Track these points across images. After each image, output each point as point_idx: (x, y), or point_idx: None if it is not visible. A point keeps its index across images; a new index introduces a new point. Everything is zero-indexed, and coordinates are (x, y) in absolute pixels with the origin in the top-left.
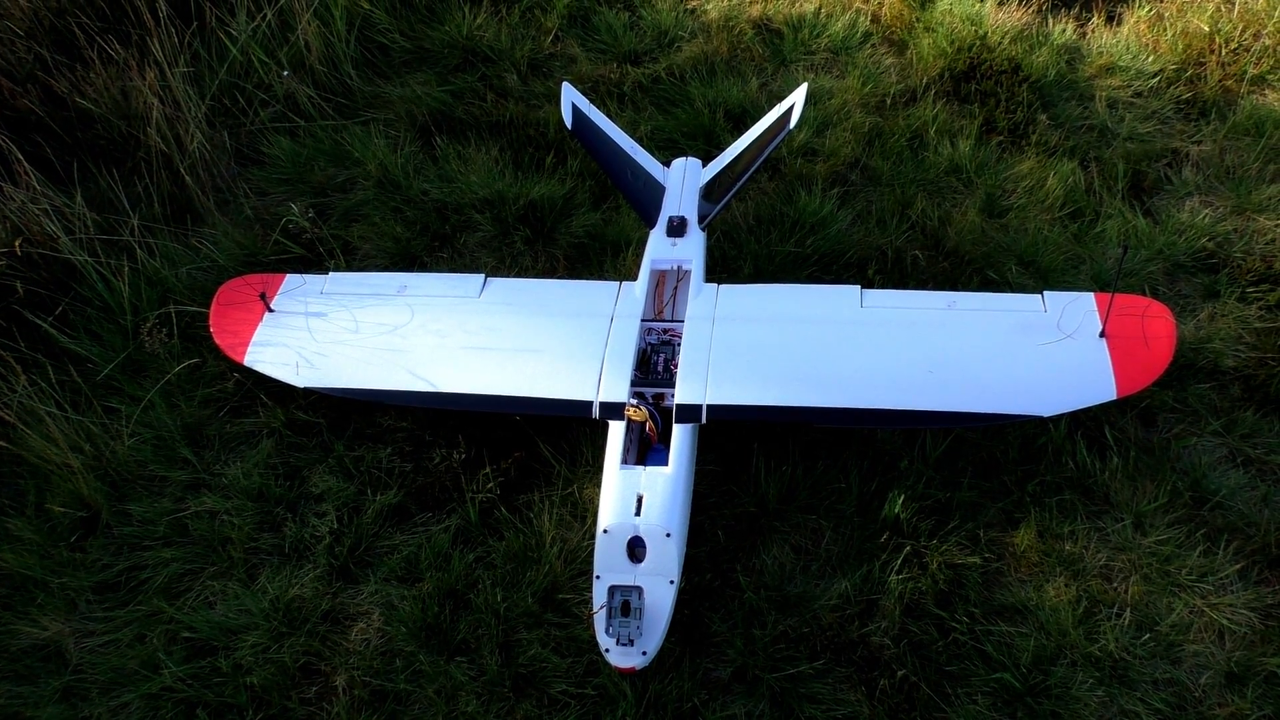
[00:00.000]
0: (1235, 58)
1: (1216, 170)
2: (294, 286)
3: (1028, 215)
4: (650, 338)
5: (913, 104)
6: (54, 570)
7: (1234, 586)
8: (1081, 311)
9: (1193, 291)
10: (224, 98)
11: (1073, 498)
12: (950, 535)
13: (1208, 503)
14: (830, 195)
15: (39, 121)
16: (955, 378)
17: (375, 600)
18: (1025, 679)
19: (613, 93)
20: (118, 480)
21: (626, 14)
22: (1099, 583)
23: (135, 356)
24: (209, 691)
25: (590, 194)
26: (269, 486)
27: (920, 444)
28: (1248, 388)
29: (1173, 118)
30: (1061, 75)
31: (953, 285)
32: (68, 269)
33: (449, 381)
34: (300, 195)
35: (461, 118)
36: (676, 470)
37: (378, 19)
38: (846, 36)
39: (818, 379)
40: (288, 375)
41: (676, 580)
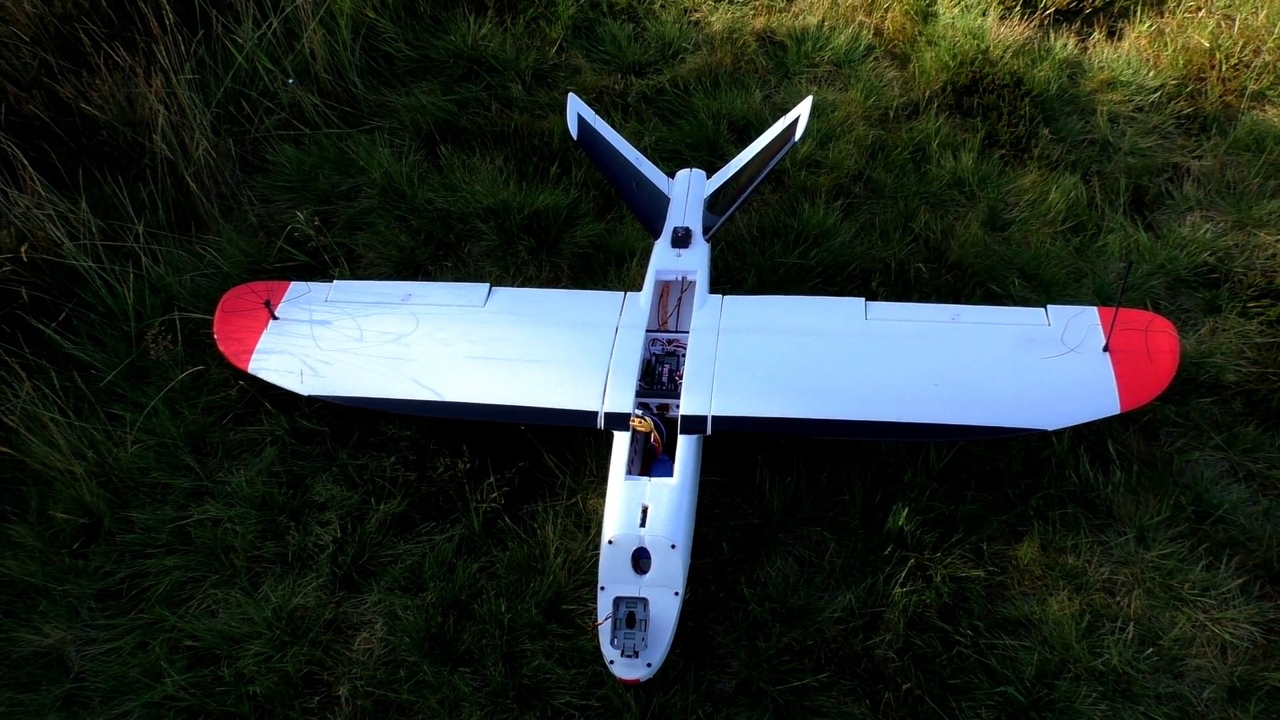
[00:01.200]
0: (1236, 73)
1: (1217, 185)
2: (298, 294)
3: (1030, 229)
4: (655, 348)
5: (915, 117)
6: (56, 577)
7: (1236, 601)
8: (1085, 326)
9: (1194, 306)
10: (229, 105)
11: (1076, 511)
12: (954, 548)
13: (1210, 517)
14: (833, 207)
15: (44, 127)
16: (959, 391)
17: (378, 610)
18: (1029, 693)
19: (617, 103)
20: (120, 487)
21: (631, 25)
22: (1102, 596)
23: (139, 363)
24: (211, 701)
25: (594, 204)
26: (272, 494)
27: (924, 457)
28: (1249, 402)
29: (1174, 133)
30: (1063, 90)
31: (955, 298)
32: (72, 275)
33: (453, 390)
34: (305, 203)
35: (466, 127)
36: (681, 481)
37: (383, 28)
38: (849, 49)
39: (823, 391)
40: (292, 383)
41: (681, 592)
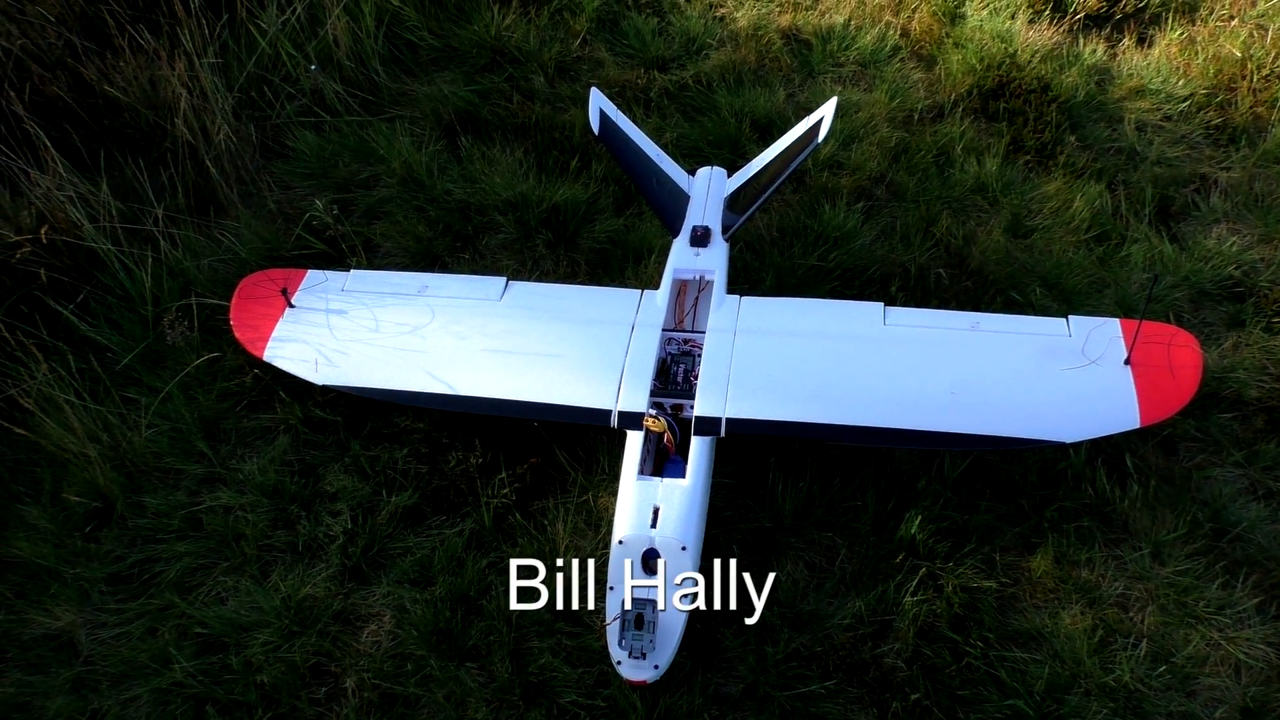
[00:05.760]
0: (1267, 84)
1: (1245, 197)
2: (315, 283)
3: (1053, 237)
4: (671, 348)
5: (940, 120)
6: (67, 560)
7: (1252, 620)
8: (1107, 338)
9: (1217, 320)
10: (251, 90)
11: (1091, 525)
12: (966, 558)
13: (1227, 534)
14: (854, 210)
15: (67, 108)
16: (977, 400)
17: (387, 602)
18: (1039, 707)
19: (639, 98)
20: (134, 471)
21: (655, 19)
22: (1115, 612)
23: (155, 347)
24: (219, 689)
25: (613, 200)
26: (284, 483)
27: (938, 465)
28: (1271, 419)
29: (1202, 143)
30: (1091, 96)
31: (975, 305)
32: (90, 257)
33: (468, 384)
34: (324, 190)
35: (487, 118)
36: (694, 483)
37: (407, 16)
38: (875, 50)
39: (839, 396)
40: (306, 372)
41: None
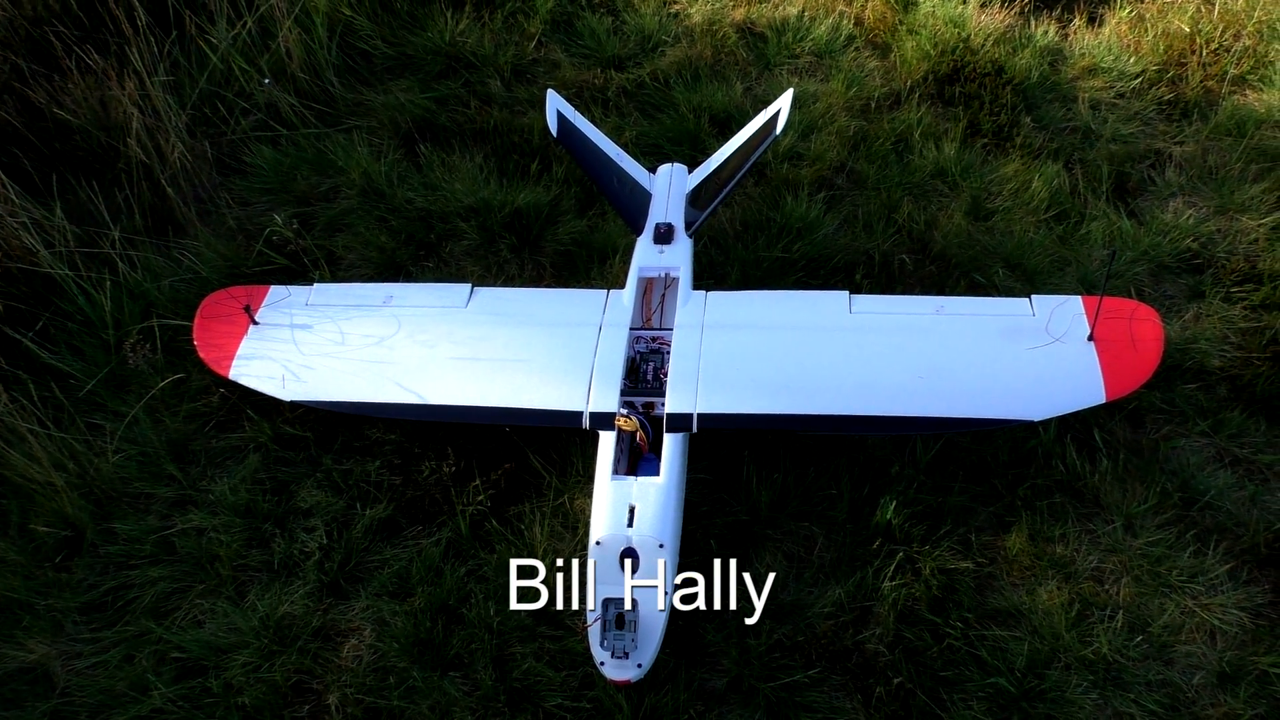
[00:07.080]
0: (1216, 58)
1: (1199, 171)
2: (278, 299)
3: (1013, 218)
4: (639, 346)
5: (897, 107)
6: (39, 591)
7: (1224, 587)
8: (1069, 315)
9: (1178, 292)
10: (204, 107)
11: (1063, 500)
12: (942, 540)
13: (1197, 503)
14: (816, 200)
15: (16, 133)
16: (945, 383)
17: (367, 616)
18: (1020, 683)
19: (597, 98)
20: (102, 498)
21: (610, 19)
22: (1091, 585)
23: (118, 371)
24: (200, 713)
25: (576, 201)
26: (257, 502)
27: (911, 449)
28: (1234, 388)
29: (1155, 118)
30: (1044, 77)
31: (940, 289)
32: (48, 283)
33: (437, 393)
34: (283, 205)
35: (445, 125)
36: (668, 480)
37: (359, 25)
38: (830, 40)
39: (809, 386)
40: (274, 389)
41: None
